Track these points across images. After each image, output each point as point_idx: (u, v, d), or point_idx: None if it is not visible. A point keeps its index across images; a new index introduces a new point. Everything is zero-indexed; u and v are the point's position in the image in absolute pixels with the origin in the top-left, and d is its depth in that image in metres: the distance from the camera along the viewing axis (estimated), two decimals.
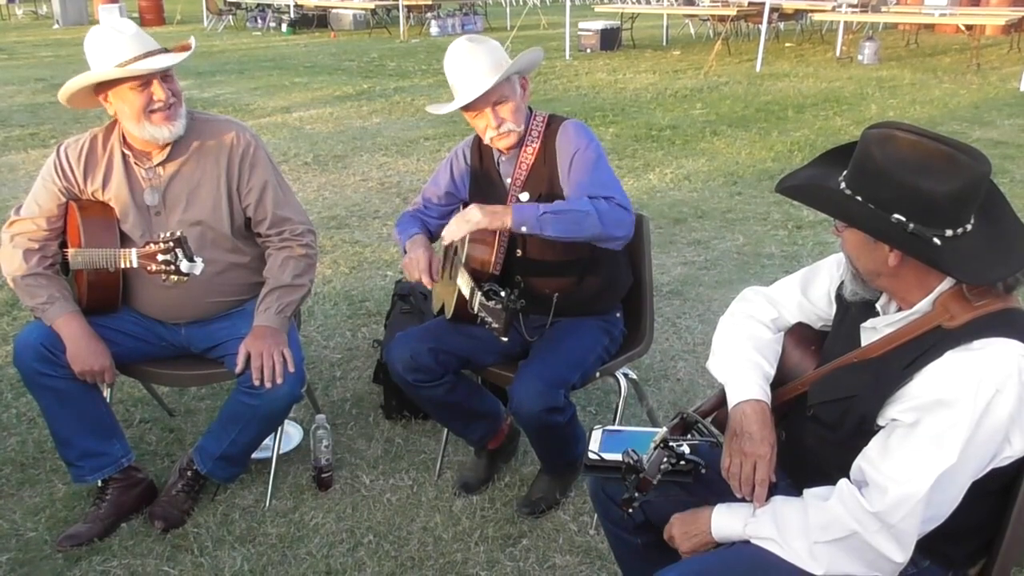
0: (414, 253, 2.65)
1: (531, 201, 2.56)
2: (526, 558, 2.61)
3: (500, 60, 2.51)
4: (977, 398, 1.43)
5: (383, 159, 7.48)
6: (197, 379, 2.94)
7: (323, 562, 2.59)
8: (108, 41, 2.45)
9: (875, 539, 1.49)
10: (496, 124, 2.52)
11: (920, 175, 1.45)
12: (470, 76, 2.48)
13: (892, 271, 1.55)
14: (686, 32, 17.74)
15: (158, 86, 2.47)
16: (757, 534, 1.63)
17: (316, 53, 15.17)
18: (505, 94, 2.50)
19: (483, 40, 2.56)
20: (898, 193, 1.47)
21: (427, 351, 2.60)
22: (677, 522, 1.78)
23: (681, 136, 8.18)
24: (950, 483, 1.47)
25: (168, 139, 2.55)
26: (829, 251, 1.88)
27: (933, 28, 16.25)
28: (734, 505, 1.72)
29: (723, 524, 1.70)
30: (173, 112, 2.52)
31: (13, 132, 8.60)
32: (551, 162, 2.56)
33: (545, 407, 2.45)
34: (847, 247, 1.62)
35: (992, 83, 11.02)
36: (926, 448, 1.47)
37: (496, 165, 2.68)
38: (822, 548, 1.54)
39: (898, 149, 1.48)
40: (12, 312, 4.28)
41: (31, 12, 24.76)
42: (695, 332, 4.06)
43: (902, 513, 1.47)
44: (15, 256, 2.61)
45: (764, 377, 1.82)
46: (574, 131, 2.57)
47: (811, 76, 11.82)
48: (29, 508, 2.82)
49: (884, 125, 1.53)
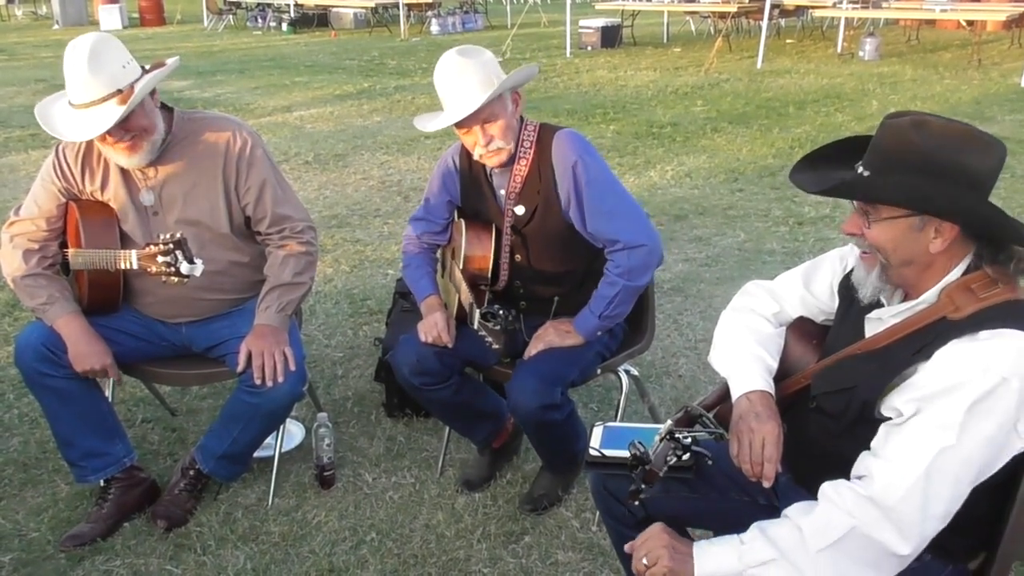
0: (431, 318, 2.64)
1: (526, 215, 2.56)
2: (529, 555, 2.61)
3: (491, 76, 2.41)
4: (981, 383, 1.42)
5: (384, 158, 7.48)
6: (199, 378, 2.94)
7: (326, 560, 2.59)
8: (67, 73, 2.36)
9: (874, 530, 1.46)
10: (485, 142, 2.46)
11: (965, 153, 1.48)
12: (459, 93, 2.40)
13: (930, 258, 1.54)
14: (687, 29, 17.72)
15: (108, 135, 2.40)
16: (755, 560, 1.53)
17: (316, 52, 15.18)
18: (495, 112, 2.43)
19: (475, 53, 2.46)
20: (949, 172, 1.48)
21: (433, 354, 2.59)
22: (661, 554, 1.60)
23: (682, 133, 8.18)
24: (952, 470, 1.44)
25: (128, 166, 2.53)
26: (830, 247, 1.88)
27: (934, 24, 16.22)
28: (713, 540, 1.61)
29: (710, 562, 1.57)
30: (135, 144, 2.45)
31: (13, 133, 8.61)
32: (547, 175, 2.52)
33: (542, 404, 2.45)
34: (880, 240, 1.57)
35: (993, 79, 11.00)
36: (923, 429, 1.46)
37: (487, 175, 2.64)
38: (825, 556, 1.49)
39: (935, 131, 1.49)
40: (13, 313, 4.28)
41: (31, 13, 24.76)
42: (696, 329, 4.06)
43: (898, 494, 1.44)
44: (15, 257, 2.61)
45: (767, 370, 1.82)
46: (568, 143, 2.52)
47: (812, 72, 11.80)
48: (32, 508, 2.82)
49: (906, 113, 1.53)
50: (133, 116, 2.40)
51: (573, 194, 2.50)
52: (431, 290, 2.73)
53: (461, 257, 2.63)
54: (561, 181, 2.51)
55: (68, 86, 2.38)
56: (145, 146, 2.48)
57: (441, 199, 2.76)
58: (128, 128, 2.41)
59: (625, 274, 2.50)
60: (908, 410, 1.50)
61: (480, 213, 2.68)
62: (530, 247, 2.61)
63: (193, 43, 16.73)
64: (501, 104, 2.46)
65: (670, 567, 1.57)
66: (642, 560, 1.61)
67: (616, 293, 2.51)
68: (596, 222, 2.51)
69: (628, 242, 2.49)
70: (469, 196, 2.70)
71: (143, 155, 2.50)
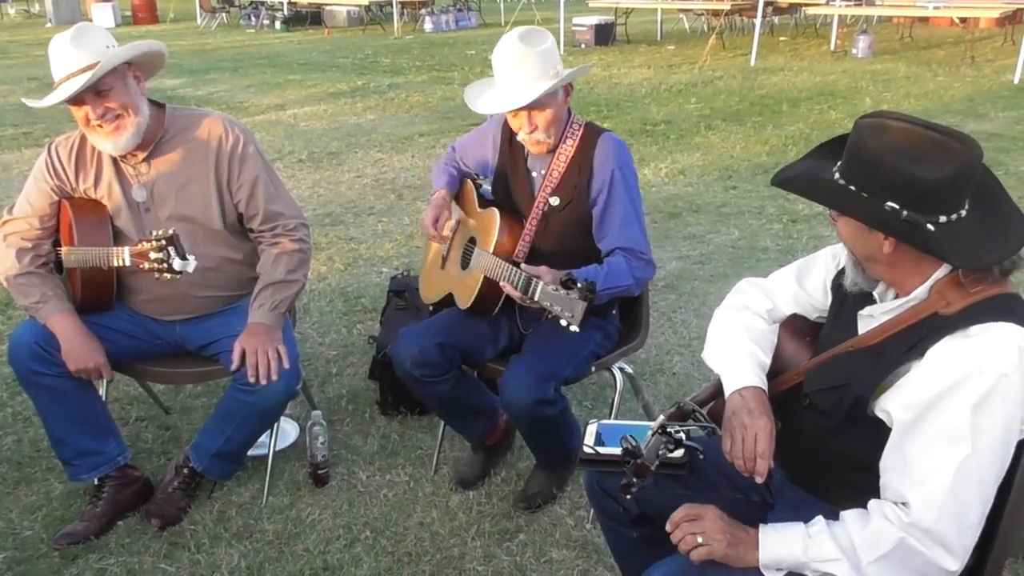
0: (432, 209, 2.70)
1: (559, 206, 2.59)
2: (523, 552, 2.62)
3: (548, 67, 2.45)
4: (979, 384, 1.42)
5: (378, 155, 7.48)
6: (192, 376, 2.93)
7: (320, 558, 2.59)
8: (51, 55, 2.43)
9: (921, 546, 1.46)
10: (530, 129, 2.51)
11: (913, 162, 1.45)
12: (516, 79, 2.44)
13: (888, 258, 1.55)
14: (680, 27, 17.73)
15: (88, 107, 2.41)
16: (821, 556, 1.53)
17: (310, 50, 15.15)
18: (545, 102, 2.47)
19: (537, 41, 2.47)
20: (891, 181, 1.47)
21: (435, 346, 2.60)
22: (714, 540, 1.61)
23: (676, 131, 8.18)
24: (976, 477, 1.44)
25: (115, 151, 2.52)
26: (824, 244, 1.88)
27: (927, 21, 16.24)
28: (778, 527, 1.61)
29: (776, 549, 1.58)
30: (119, 124, 2.46)
31: (7, 131, 8.58)
32: (585, 173, 2.57)
33: (535, 399, 2.45)
34: (843, 235, 1.62)
35: (986, 76, 11.04)
36: (938, 445, 1.45)
37: (525, 157, 2.68)
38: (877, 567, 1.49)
39: (890, 137, 1.48)
40: (6, 311, 4.27)
41: (23, 11, 24.64)
42: (690, 326, 4.07)
43: (932, 515, 1.44)
44: (8, 255, 2.60)
45: (760, 366, 1.82)
46: (613, 149, 2.57)
47: (805, 70, 11.82)
48: (26, 507, 2.82)
49: (876, 115, 1.54)
50: (114, 90, 2.42)
51: (604, 197, 2.55)
52: (443, 185, 2.79)
53: (492, 243, 2.63)
54: (596, 181, 2.55)
55: (54, 64, 2.42)
56: (130, 127, 2.48)
57: (476, 160, 2.81)
58: (109, 104, 2.42)
59: (638, 280, 2.56)
60: (907, 416, 1.50)
61: (512, 192, 2.70)
62: (552, 236, 2.63)
63: (186, 41, 16.68)
64: (552, 95, 2.49)
65: (727, 553, 1.59)
66: (696, 538, 1.61)
67: (621, 286, 2.53)
68: (625, 232, 2.55)
69: (650, 258, 2.58)
70: (504, 173, 2.72)
71: (128, 137, 2.49)
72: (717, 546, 1.60)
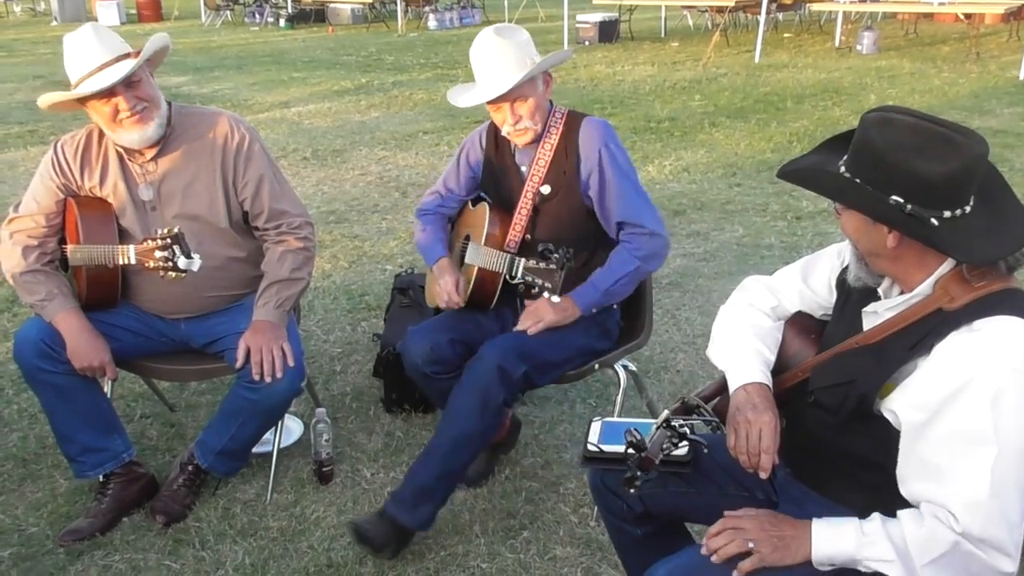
0: (443, 279, 2.68)
1: (551, 195, 2.60)
2: (527, 550, 2.62)
3: (525, 56, 2.50)
4: (990, 381, 1.42)
5: (382, 153, 7.48)
6: (197, 374, 2.94)
7: (324, 555, 2.60)
8: (72, 52, 2.44)
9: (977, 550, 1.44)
10: (513, 121, 2.54)
11: (918, 157, 1.45)
12: (493, 71, 2.49)
13: (892, 253, 1.55)
14: (684, 24, 17.70)
15: (121, 97, 2.43)
16: (875, 555, 1.52)
17: (314, 48, 15.15)
18: (526, 92, 2.51)
19: (512, 33, 2.54)
20: (896, 175, 1.47)
21: (447, 342, 2.61)
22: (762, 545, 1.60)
23: (680, 128, 8.17)
24: (1010, 475, 1.42)
25: (141, 143, 2.53)
26: (829, 241, 1.88)
27: (932, 17, 16.20)
28: (831, 522, 1.59)
29: (828, 546, 1.56)
30: (145, 115, 2.48)
31: (12, 129, 8.59)
32: (572, 157, 2.58)
33: (501, 365, 2.43)
34: (847, 229, 1.61)
35: (991, 72, 11.00)
36: (963, 448, 1.43)
37: (512, 152, 2.70)
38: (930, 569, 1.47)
39: (896, 132, 1.48)
40: (12, 309, 4.28)
41: (29, 9, 24.70)
42: (694, 324, 4.06)
43: (979, 523, 1.42)
44: (14, 253, 2.61)
45: (765, 363, 1.82)
46: (596, 130, 2.59)
47: (810, 66, 11.79)
48: (31, 503, 2.83)
49: (882, 109, 1.54)
50: (143, 82, 2.46)
51: (597, 178, 2.56)
52: (443, 252, 2.78)
53: (483, 236, 2.65)
54: (585, 164, 2.57)
55: (77, 61, 2.42)
56: (155, 118, 2.51)
57: (464, 177, 2.81)
58: (139, 94, 2.46)
59: (643, 257, 2.56)
60: (918, 418, 1.49)
61: (501, 187, 2.72)
62: (546, 225, 2.64)
63: (190, 39, 16.69)
64: (532, 85, 2.53)
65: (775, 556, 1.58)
66: (748, 543, 1.60)
67: (628, 272, 2.56)
68: (621, 206, 2.56)
69: (652, 229, 2.56)
70: (492, 170, 2.75)
71: (153, 128, 2.51)
72: (766, 554, 1.58)
